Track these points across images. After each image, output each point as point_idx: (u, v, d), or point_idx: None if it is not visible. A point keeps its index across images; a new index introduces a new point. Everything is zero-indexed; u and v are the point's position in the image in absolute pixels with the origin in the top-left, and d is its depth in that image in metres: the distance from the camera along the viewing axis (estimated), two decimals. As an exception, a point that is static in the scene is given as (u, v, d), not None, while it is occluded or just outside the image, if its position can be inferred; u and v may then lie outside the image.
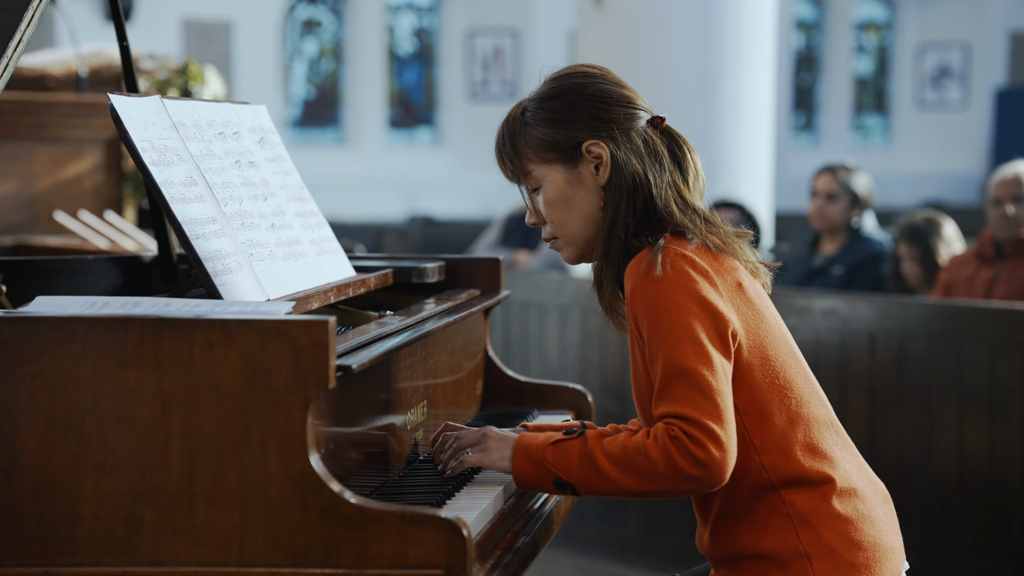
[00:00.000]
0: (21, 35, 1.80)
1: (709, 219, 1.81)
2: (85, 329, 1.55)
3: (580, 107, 1.80)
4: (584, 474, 1.72)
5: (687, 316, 1.69)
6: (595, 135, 1.79)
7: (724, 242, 1.79)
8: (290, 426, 1.54)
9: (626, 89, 1.83)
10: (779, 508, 1.75)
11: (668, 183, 1.79)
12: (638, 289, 1.72)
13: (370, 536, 1.53)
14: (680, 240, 1.76)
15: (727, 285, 1.75)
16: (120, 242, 3.85)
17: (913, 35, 13.45)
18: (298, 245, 2.02)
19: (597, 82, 1.83)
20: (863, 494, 1.78)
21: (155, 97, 1.89)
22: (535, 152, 1.82)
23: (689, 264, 1.72)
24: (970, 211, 9.41)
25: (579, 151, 1.80)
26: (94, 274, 2.35)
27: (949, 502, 3.79)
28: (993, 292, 4.23)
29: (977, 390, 3.73)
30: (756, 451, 1.75)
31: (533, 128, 1.82)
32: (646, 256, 1.73)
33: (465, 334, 2.26)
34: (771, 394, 1.76)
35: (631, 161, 1.79)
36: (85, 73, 4.28)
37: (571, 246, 1.85)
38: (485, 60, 11.84)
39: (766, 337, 1.77)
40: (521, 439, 1.77)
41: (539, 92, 1.86)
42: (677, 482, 1.68)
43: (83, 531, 1.55)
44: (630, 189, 1.78)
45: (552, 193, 1.82)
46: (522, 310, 4.99)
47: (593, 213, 1.81)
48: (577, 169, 1.81)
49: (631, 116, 1.80)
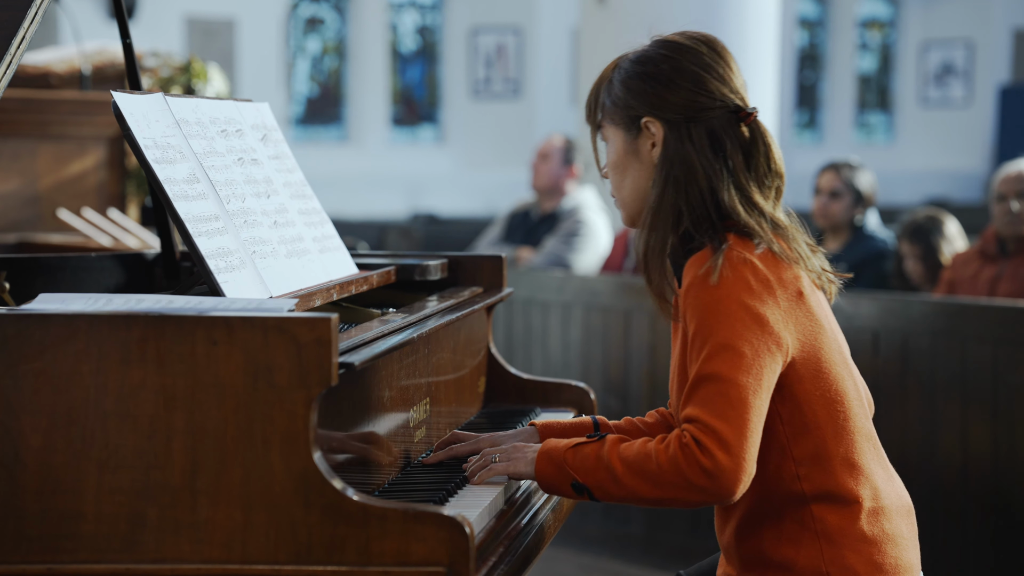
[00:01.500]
0: (24, 32, 1.80)
1: (779, 223, 1.76)
2: (88, 326, 1.55)
3: (652, 81, 1.78)
4: (600, 478, 1.71)
5: (736, 324, 1.66)
6: (654, 113, 1.77)
7: (791, 248, 1.75)
8: (293, 423, 1.54)
9: (717, 73, 1.76)
10: (807, 522, 1.73)
11: (731, 180, 1.75)
12: (693, 288, 1.70)
13: (373, 533, 1.53)
14: (746, 243, 1.72)
15: (787, 295, 1.71)
16: (123, 239, 3.85)
17: (916, 32, 13.43)
18: (301, 243, 2.02)
19: (687, 61, 1.77)
20: (890, 512, 1.76)
21: (158, 95, 1.89)
22: (609, 110, 1.83)
23: (750, 271, 1.69)
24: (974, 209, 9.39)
25: (638, 124, 1.79)
26: (97, 271, 2.35)
27: (952, 500, 3.78)
28: (997, 290, 4.22)
29: (980, 388, 3.72)
30: (793, 461, 1.73)
31: (615, 87, 1.82)
32: (708, 257, 1.70)
33: (468, 332, 2.26)
34: (819, 406, 1.73)
35: (684, 148, 1.75)
36: (88, 71, 4.28)
37: (624, 210, 1.86)
38: (488, 58, 11.83)
39: (822, 348, 1.74)
40: (546, 444, 1.78)
41: (638, 52, 1.83)
42: (683, 490, 1.66)
43: (86, 528, 1.55)
44: (681, 177, 1.75)
45: (613, 156, 1.84)
46: (525, 307, 4.99)
47: (643, 187, 1.80)
48: (636, 141, 1.80)
49: (703, 105, 1.76)
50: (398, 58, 11.96)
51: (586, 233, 5.42)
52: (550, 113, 11.50)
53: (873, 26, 13.68)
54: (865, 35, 13.61)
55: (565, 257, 5.36)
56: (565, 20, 11.37)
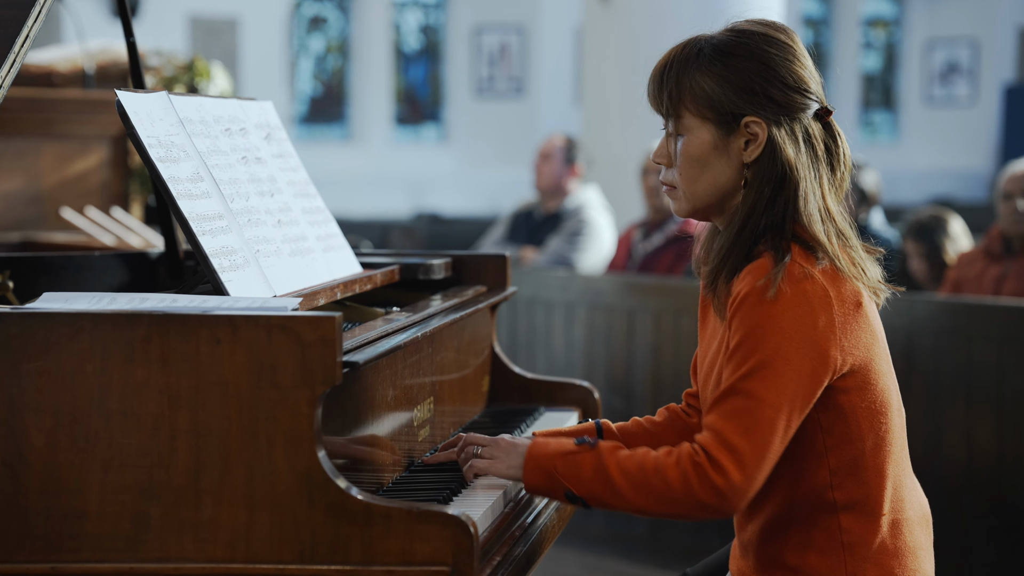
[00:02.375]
0: (28, 31, 1.80)
1: (844, 233, 1.72)
2: (92, 325, 1.55)
3: (757, 79, 1.69)
4: (596, 489, 1.67)
5: (783, 344, 1.62)
6: (760, 112, 1.69)
7: (853, 262, 1.71)
8: (297, 422, 1.53)
9: (806, 69, 1.71)
10: (834, 532, 1.71)
11: (816, 184, 1.71)
12: (750, 298, 1.64)
13: (377, 533, 1.53)
14: (808, 257, 1.67)
15: (845, 308, 1.67)
16: (126, 238, 3.85)
17: (921, 31, 13.41)
18: (304, 241, 2.01)
19: (783, 57, 1.70)
20: (912, 523, 1.75)
21: (162, 93, 1.88)
22: (695, 102, 1.71)
23: (810, 287, 1.64)
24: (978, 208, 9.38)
25: (738, 122, 1.70)
26: (101, 270, 2.35)
27: (956, 499, 3.78)
28: (1002, 289, 4.21)
29: (985, 387, 3.71)
30: (829, 470, 1.70)
31: (703, 78, 1.70)
32: (768, 268, 1.65)
33: (471, 331, 2.26)
34: (863, 418, 1.71)
35: (787, 150, 1.69)
36: (92, 70, 4.28)
37: (688, 202, 1.75)
38: (491, 57, 11.83)
39: (873, 360, 1.71)
40: (532, 447, 1.72)
41: (722, 40, 1.72)
42: (691, 508, 1.63)
43: (90, 527, 1.55)
44: (779, 177, 1.69)
45: (694, 149, 1.72)
46: (528, 307, 4.98)
47: (724, 184, 1.72)
48: (728, 138, 1.71)
49: (803, 105, 1.70)
50: (401, 57, 11.96)
51: (589, 232, 5.42)
52: (553, 112, 11.49)
53: (877, 25, 13.66)
54: (869, 34, 13.60)
55: (569, 256, 5.36)
56: (568, 19, 11.36)
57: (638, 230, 5.29)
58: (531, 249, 5.48)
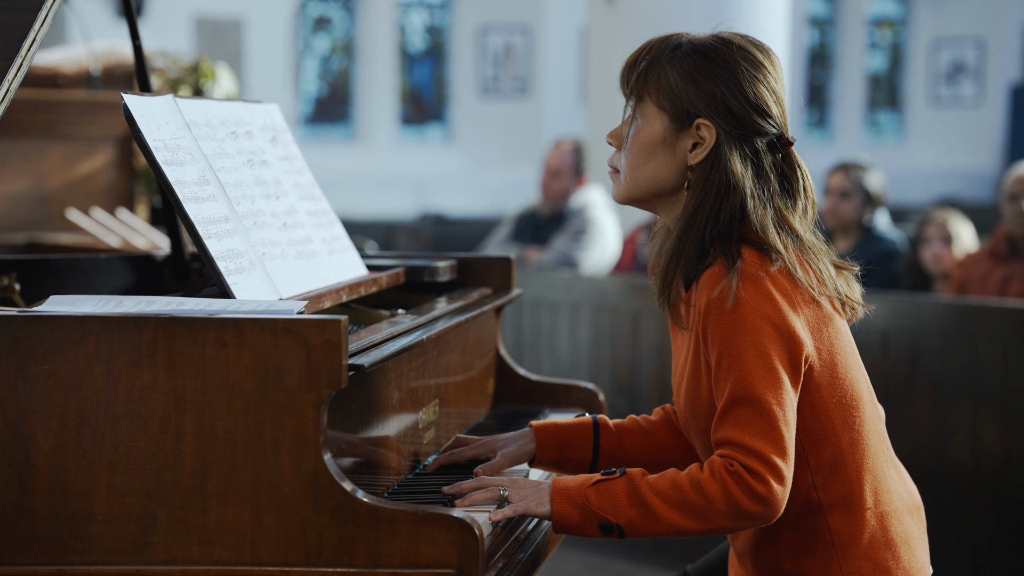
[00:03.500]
0: (35, 35, 1.81)
1: (809, 247, 1.73)
2: (99, 328, 1.55)
3: (719, 85, 1.70)
4: (633, 515, 1.64)
5: (762, 339, 1.64)
6: (713, 118, 1.70)
7: (813, 272, 1.70)
8: (302, 425, 1.54)
9: (773, 94, 1.73)
10: (823, 533, 1.72)
11: (768, 203, 1.71)
12: (711, 311, 1.65)
13: (382, 535, 1.53)
14: (763, 259, 1.68)
15: (804, 300, 1.69)
16: (132, 239, 3.86)
17: (927, 31, 13.39)
18: (310, 244, 2.02)
19: (752, 74, 1.71)
20: (900, 513, 1.76)
21: (168, 97, 1.89)
22: (657, 90, 1.73)
23: (770, 281, 1.66)
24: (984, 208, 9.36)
25: (691, 122, 1.71)
26: (107, 272, 2.36)
27: (962, 500, 3.77)
28: (1008, 290, 4.21)
29: (991, 388, 3.71)
30: (810, 471, 1.71)
31: (672, 71, 1.72)
32: (722, 277, 1.66)
33: (477, 333, 2.26)
34: (836, 414, 1.72)
35: (733, 162, 1.70)
36: (97, 71, 4.29)
37: (626, 188, 1.77)
38: (496, 57, 11.83)
39: (838, 354, 1.72)
40: (556, 482, 1.68)
41: (701, 42, 1.75)
42: (735, 519, 1.63)
43: (96, 530, 1.55)
44: (722, 188, 1.70)
45: (644, 137, 1.74)
46: (533, 308, 4.99)
47: (664, 179, 1.74)
48: (678, 135, 1.72)
49: (758, 127, 1.72)
50: (406, 57, 11.97)
51: (594, 231, 5.42)
52: (558, 112, 11.49)
53: (883, 25, 13.64)
54: (875, 34, 13.58)
55: (573, 255, 5.36)
56: (574, 19, 11.36)
57: (644, 232, 5.28)
58: (536, 249, 5.48)
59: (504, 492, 1.70)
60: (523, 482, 1.72)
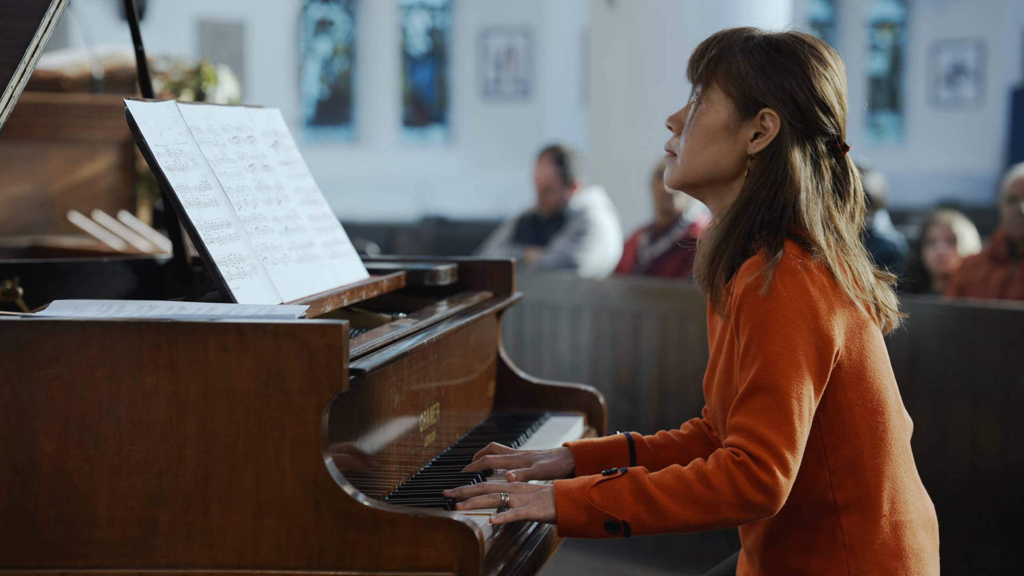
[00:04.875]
0: (39, 41, 1.82)
1: (850, 248, 1.74)
2: (101, 333, 1.56)
3: (789, 76, 1.73)
4: (639, 511, 1.64)
5: (792, 332, 1.65)
6: (779, 109, 1.73)
7: (852, 273, 1.72)
8: (304, 429, 1.55)
9: (836, 101, 1.76)
10: (836, 534, 1.72)
11: (819, 197, 1.74)
12: (747, 298, 1.67)
13: (383, 538, 1.54)
14: (804, 253, 1.69)
15: (840, 300, 1.70)
16: (134, 243, 3.87)
17: (927, 33, 13.40)
18: (311, 248, 2.03)
19: (822, 72, 1.75)
20: (915, 526, 1.76)
21: (170, 102, 1.90)
22: (726, 76, 1.75)
23: (806, 276, 1.67)
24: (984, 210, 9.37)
25: (756, 110, 1.74)
26: (109, 276, 2.36)
27: (962, 503, 3.78)
28: (1007, 292, 4.21)
29: (990, 391, 3.71)
30: (828, 469, 1.72)
31: (744, 60, 1.75)
32: (761, 265, 1.68)
33: (477, 336, 2.27)
34: (860, 416, 1.73)
35: (793, 155, 1.72)
36: (100, 75, 4.30)
37: (681, 172, 1.78)
38: (498, 59, 11.84)
39: (868, 357, 1.73)
40: (558, 485, 1.68)
41: (774, 36, 1.78)
42: (740, 510, 1.63)
43: (99, 533, 1.56)
44: (779, 178, 1.72)
45: (708, 121, 1.76)
46: (534, 310, 4.99)
47: (722, 166, 1.75)
48: (742, 122, 1.74)
49: (821, 125, 1.74)
50: (408, 59, 11.98)
51: (594, 232, 5.43)
52: (560, 114, 11.51)
53: (883, 27, 13.65)
54: (875, 36, 13.59)
55: (573, 256, 5.37)
56: (575, 21, 11.37)
57: (645, 234, 5.29)
58: (536, 249, 5.50)
59: (505, 497, 1.71)
60: (525, 486, 1.73)
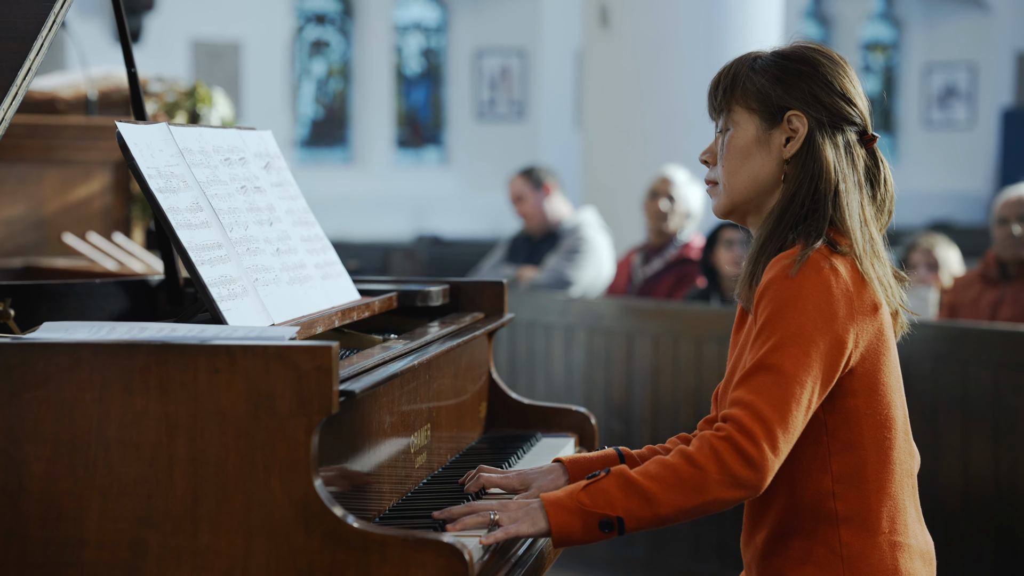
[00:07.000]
0: (30, 64, 1.83)
1: (877, 249, 1.79)
2: (91, 355, 1.57)
3: (805, 78, 1.79)
4: (631, 504, 1.65)
5: (808, 325, 1.68)
6: (803, 108, 1.78)
7: (879, 274, 1.75)
8: (293, 451, 1.55)
9: (856, 92, 1.81)
10: (833, 546, 1.73)
11: (856, 190, 1.78)
12: (775, 281, 1.71)
13: (373, 560, 1.54)
14: (834, 253, 1.73)
15: (863, 307, 1.72)
16: (128, 263, 3.87)
17: (919, 55, 13.47)
18: (303, 269, 2.03)
19: (834, 69, 1.80)
20: (913, 551, 1.76)
21: (162, 124, 1.91)
22: (744, 95, 1.81)
23: (832, 275, 1.71)
24: (977, 231, 9.40)
25: (781, 115, 1.79)
26: (101, 297, 2.37)
27: (954, 524, 3.78)
28: (998, 314, 4.23)
29: (982, 412, 3.72)
30: (831, 476, 1.73)
31: (757, 76, 1.81)
32: (796, 254, 1.72)
33: (469, 357, 2.27)
34: (868, 427, 1.74)
35: (826, 148, 1.77)
36: (95, 96, 4.32)
37: (726, 197, 1.82)
38: (492, 80, 11.88)
39: (882, 369, 1.75)
40: (546, 498, 1.69)
41: (781, 48, 1.85)
42: (728, 487, 1.64)
43: (88, 555, 1.56)
44: (817, 172, 1.76)
45: (738, 140, 1.81)
46: (528, 330, 5.00)
47: (763, 178, 1.80)
48: (771, 131, 1.79)
49: (846, 115, 1.78)
50: (403, 80, 12.02)
51: (587, 250, 5.45)
52: (554, 135, 11.54)
53: (876, 48, 13.72)
54: (868, 57, 13.66)
55: (567, 273, 5.38)
56: (569, 42, 11.42)
57: (638, 254, 5.31)
58: (530, 268, 5.51)
59: (495, 516, 1.70)
60: (513, 504, 1.73)
